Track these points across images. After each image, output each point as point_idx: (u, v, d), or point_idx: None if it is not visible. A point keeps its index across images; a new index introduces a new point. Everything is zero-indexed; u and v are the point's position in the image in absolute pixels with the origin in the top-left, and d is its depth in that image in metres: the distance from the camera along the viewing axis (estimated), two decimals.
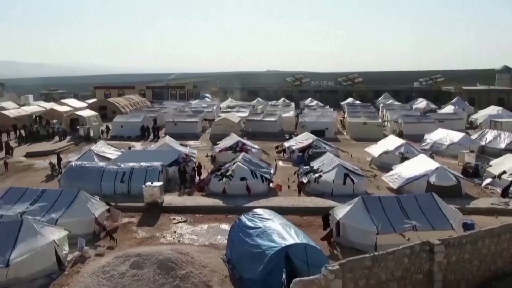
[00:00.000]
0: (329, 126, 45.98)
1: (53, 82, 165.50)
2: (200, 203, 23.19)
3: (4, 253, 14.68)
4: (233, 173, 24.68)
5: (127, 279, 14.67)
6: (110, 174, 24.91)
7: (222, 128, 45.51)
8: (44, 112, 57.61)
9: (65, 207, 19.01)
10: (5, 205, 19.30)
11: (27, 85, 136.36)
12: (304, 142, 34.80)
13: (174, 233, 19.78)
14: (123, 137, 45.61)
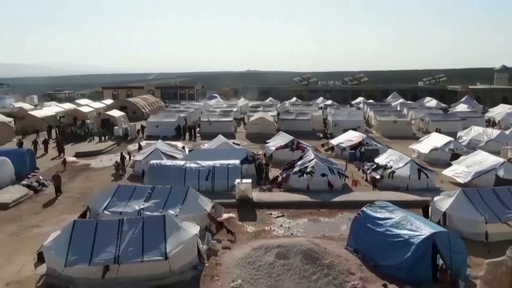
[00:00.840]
0: (360, 125, 47.31)
1: (31, 83, 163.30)
2: (288, 198, 24.06)
3: (158, 246, 15.32)
4: (313, 170, 25.65)
5: (278, 268, 15.49)
6: (193, 172, 25.53)
7: (258, 127, 46.43)
8: (68, 112, 57.25)
9: (179, 203, 19.64)
10: (120, 202, 19.79)
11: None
12: (353, 140, 35.96)
13: (281, 226, 20.64)
14: (158, 137, 45.90)
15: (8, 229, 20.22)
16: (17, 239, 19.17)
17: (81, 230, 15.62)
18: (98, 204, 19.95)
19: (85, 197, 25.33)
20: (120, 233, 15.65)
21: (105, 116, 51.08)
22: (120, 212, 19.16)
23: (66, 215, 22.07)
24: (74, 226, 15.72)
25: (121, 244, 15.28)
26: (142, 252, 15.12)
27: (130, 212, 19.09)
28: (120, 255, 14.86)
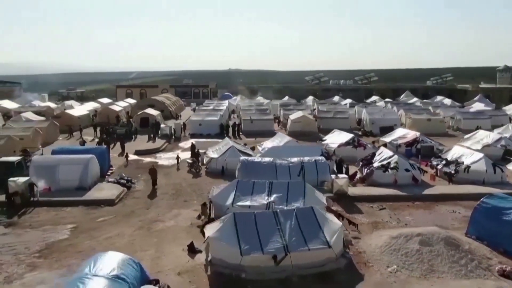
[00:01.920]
0: (396, 123, 48.96)
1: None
2: (381, 192, 25.33)
3: (318, 236, 16.41)
4: (397, 165, 27.00)
5: (426, 254, 16.73)
6: (283, 168, 26.54)
7: (301, 125, 47.63)
8: (101, 111, 57.38)
9: (301, 197, 20.65)
10: (244, 197, 20.71)
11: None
12: (407, 137, 37.48)
13: (390, 217, 21.89)
14: (202, 135, 46.76)
15: (133, 224, 20.95)
16: (148, 233, 19.90)
17: (242, 222, 16.57)
18: (222, 199, 20.82)
19: (180, 193, 26.12)
20: (279, 224, 16.70)
21: (144, 115, 51.53)
22: (248, 205, 20.08)
23: (176, 210, 22.89)
24: (236, 218, 16.67)
25: (284, 234, 16.32)
26: (305, 241, 16.20)
27: (258, 205, 20.02)
28: (288, 244, 15.91)
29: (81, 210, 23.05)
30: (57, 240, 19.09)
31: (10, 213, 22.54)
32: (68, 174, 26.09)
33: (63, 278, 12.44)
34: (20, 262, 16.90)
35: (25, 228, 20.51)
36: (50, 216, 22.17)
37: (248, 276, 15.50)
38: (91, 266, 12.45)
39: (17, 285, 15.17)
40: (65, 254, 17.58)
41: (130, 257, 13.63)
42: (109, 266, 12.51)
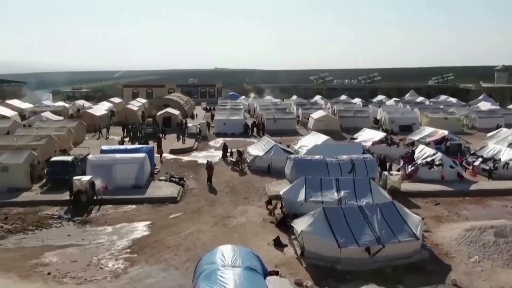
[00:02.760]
0: (415, 121, 50.22)
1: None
2: (432, 188, 26.37)
3: (405, 229, 17.33)
4: (442, 162, 28.09)
5: (504, 245, 17.76)
6: (334, 165, 27.35)
7: (324, 124, 48.52)
8: (119, 111, 57.49)
9: (368, 193, 21.55)
10: (315, 193, 21.50)
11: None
12: (435, 135, 38.69)
13: (448, 212, 22.91)
14: (226, 134, 47.37)
15: (206, 221, 21.56)
16: (225, 229, 20.58)
17: (333, 216, 17.38)
18: (292, 195, 21.55)
19: (235, 190, 26.75)
20: (367, 218, 17.57)
21: (167, 115, 51.90)
22: (321, 201, 20.88)
23: (241, 207, 23.55)
24: (326, 213, 17.47)
25: (373, 227, 17.20)
26: (393, 234, 17.09)
27: (330, 201, 20.84)
28: (379, 237, 16.78)
29: (148, 207, 23.57)
30: (141, 236, 19.65)
31: (76, 211, 22.98)
32: (124, 173, 26.56)
33: (200, 269, 12.91)
34: (116, 257, 17.44)
35: (102, 225, 21.01)
36: (120, 214, 22.68)
37: (343, 268, 16.35)
38: (223, 258, 13.12)
39: (124, 279, 15.73)
40: (156, 249, 18.15)
41: (250, 250, 14.32)
42: (240, 258, 13.19)
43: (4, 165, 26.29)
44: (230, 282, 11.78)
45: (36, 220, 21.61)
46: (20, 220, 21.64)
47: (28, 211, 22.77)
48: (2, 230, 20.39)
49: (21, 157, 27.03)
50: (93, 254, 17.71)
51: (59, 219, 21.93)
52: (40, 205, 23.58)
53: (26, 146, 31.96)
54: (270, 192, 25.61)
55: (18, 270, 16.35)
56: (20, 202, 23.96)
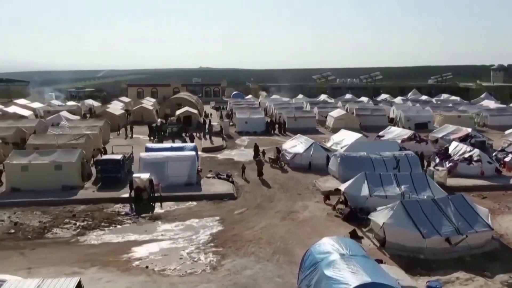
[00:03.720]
0: (430, 119, 51.60)
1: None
2: (475, 183, 27.44)
3: (478, 220, 18.30)
4: (481, 158, 29.27)
5: None
6: (379, 162, 28.31)
7: (343, 122, 49.40)
8: (135, 110, 57.51)
9: (427, 187, 22.54)
10: (377, 188, 22.35)
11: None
12: (458, 132, 39.96)
13: (498, 205, 23.99)
14: (248, 133, 48.00)
15: (272, 216, 22.21)
16: (295, 223, 21.28)
17: (411, 209, 18.25)
18: (355, 190, 22.36)
19: (285, 186, 27.42)
20: (441, 210, 18.49)
21: (187, 113, 52.24)
22: (385, 196, 21.77)
23: (300, 202, 24.25)
24: (405, 206, 18.34)
25: (449, 218, 18.12)
26: (469, 225, 18.05)
27: (394, 195, 21.71)
28: (458, 227, 17.72)
29: (209, 204, 24.09)
30: (217, 231, 20.22)
31: (138, 208, 23.41)
32: (177, 170, 27.01)
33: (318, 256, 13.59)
34: (204, 251, 18.00)
35: (174, 221, 21.50)
36: (185, 210, 23.17)
37: (426, 257, 17.22)
38: (337, 248, 13.82)
39: (223, 271, 16.32)
40: (238, 243, 18.74)
41: (353, 240, 15.08)
42: (351, 248, 13.93)
43: (58, 163, 26.53)
44: (359, 268, 12.49)
45: (105, 217, 22.00)
46: (89, 217, 22.01)
47: (92, 209, 23.15)
48: (76, 226, 20.75)
49: (74, 155, 27.28)
50: (180, 249, 18.25)
51: (126, 215, 22.35)
52: (102, 203, 23.97)
53: (66, 144, 32.25)
54: (322, 188, 26.44)
55: (115, 264, 16.80)
56: (82, 200, 24.30)
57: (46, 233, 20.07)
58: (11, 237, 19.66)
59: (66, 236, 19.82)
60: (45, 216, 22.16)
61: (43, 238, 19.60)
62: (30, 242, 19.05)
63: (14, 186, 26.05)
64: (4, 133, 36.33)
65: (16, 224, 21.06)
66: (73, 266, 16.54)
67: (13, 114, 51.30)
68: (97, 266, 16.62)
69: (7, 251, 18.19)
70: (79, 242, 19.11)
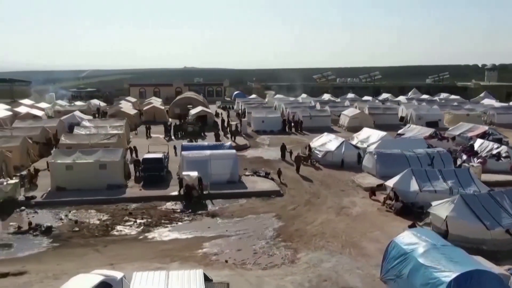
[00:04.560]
0: (440, 118, 52.93)
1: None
2: (507, 178, 28.52)
3: None
4: (509, 154, 30.40)
5: None
6: (413, 159, 29.15)
7: (358, 121, 50.38)
8: (147, 110, 57.53)
9: (472, 182, 23.45)
10: (425, 183, 23.11)
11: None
12: (475, 130, 41.22)
13: None
14: (265, 132, 48.55)
15: (326, 211, 22.82)
16: (351, 218, 21.92)
17: (471, 203, 19.06)
18: (404, 186, 23.11)
19: (325, 183, 28.07)
20: (498, 203, 19.34)
21: (203, 113, 52.51)
22: (435, 191, 22.59)
23: (347, 198, 24.92)
24: (465, 199, 19.15)
25: (507, 211, 18.99)
26: None
27: (442, 190, 22.57)
28: None
29: (257, 201, 24.56)
30: (279, 226, 20.73)
31: (190, 205, 23.75)
32: (220, 168, 27.42)
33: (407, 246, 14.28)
34: (275, 245, 18.51)
35: (232, 218, 21.93)
36: (237, 207, 23.59)
37: (488, 248, 18.05)
38: (425, 238, 14.54)
39: (301, 263, 16.86)
40: (305, 237, 19.29)
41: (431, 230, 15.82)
42: (439, 238, 14.68)
43: (103, 163, 26.67)
44: (455, 256, 13.22)
45: (162, 214, 22.33)
46: (145, 214, 22.31)
47: (145, 207, 23.44)
48: (138, 224, 21.02)
49: (117, 154, 27.47)
50: (250, 243, 18.73)
51: (181, 213, 22.70)
52: (153, 201, 24.25)
53: (99, 144, 32.36)
54: (363, 184, 27.18)
55: (194, 259, 17.20)
56: (133, 198, 24.53)
57: (110, 230, 20.33)
58: (77, 234, 19.86)
59: (132, 233, 20.10)
60: (101, 214, 22.40)
61: (109, 235, 19.87)
62: (99, 240, 19.31)
63: (59, 185, 26.11)
64: (30, 133, 36.11)
65: (76, 222, 21.28)
66: (153, 262, 16.90)
67: (26, 114, 50.92)
68: (178, 261, 17.00)
69: (80, 248, 18.44)
70: (148, 239, 19.44)
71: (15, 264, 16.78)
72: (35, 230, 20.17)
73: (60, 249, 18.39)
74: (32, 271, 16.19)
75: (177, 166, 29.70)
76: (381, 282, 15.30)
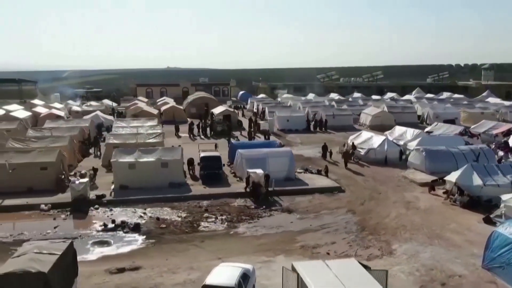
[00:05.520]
0: (457, 116, 54.50)
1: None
2: None
3: None
4: None
5: None
6: (459, 155, 30.22)
7: (380, 119, 51.61)
8: (164, 109, 57.66)
9: None
10: (486, 177, 24.08)
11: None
12: (499, 127, 42.73)
13: None
14: (290, 131, 49.27)
15: (395, 206, 23.66)
16: (420, 211, 22.80)
17: None
18: (466, 181, 24.06)
19: (378, 180, 28.87)
20: None
21: (226, 113, 52.92)
22: (497, 185, 23.65)
23: (407, 193, 25.83)
24: None
25: None
26: None
27: (505, 184, 23.64)
28: None
29: (322, 197, 25.27)
30: (358, 220, 21.52)
31: (258, 202, 24.31)
32: (277, 166, 28.00)
33: None
34: (364, 238, 19.25)
35: (307, 213, 22.59)
36: (306, 203, 24.26)
37: None
38: None
39: (399, 254, 17.64)
40: (389, 230, 20.10)
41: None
42: None
43: (164, 161, 27.00)
44: None
45: (239, 210, 22.88)
46: (221, 211, 22.81)
47: (217, 203, 23.95)
48: (221, 220, 21.50)
49: (177, 152, 27.84)
50: (341, 237, 19.43)
51: (256, 209, 23.24)
52: (221, 198, 24.75)
53: (146, 143, 32.61)
54: (417, 180, 28.17)
55: (296, 252, 17.83)
56: (203, 196, 25.01)
57: (196, 227, 20.78)
58: (167, 231, 20.27)
59: (219, 229, 20.61)
60: (177, 211, 22.82)
61: (198, 231, 20.33)
62: (191, 236, 19.74)
63: (122, 184, 26.38)
64: (69, 133, 36.09)
65: (158, 219, 21.67)
66: (258, 255, 17.44)
67: (50, 114, 50.60)
68: (282, 254, 17.59)
69: (178, 244, 18.89)
70: (240, 234, 19.96)
71: (124, 260, 17.16)
72: (123, 227, 20.54)
73: (159, 245, 18.80)
74: (145, 266, 16.60)
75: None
76: (484, 270, 16.20)
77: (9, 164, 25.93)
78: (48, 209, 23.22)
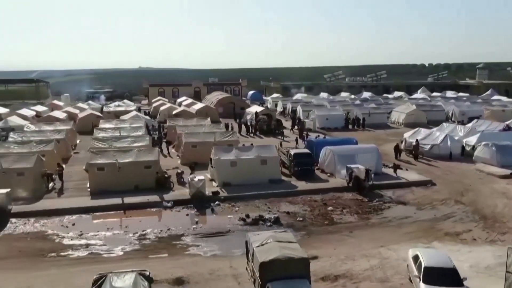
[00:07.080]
0: (481, 113, 57.33)
1: None
2: None
3: None
4: None
5: None
6: None
7: (413, 117, 53.78)
8: (199, 109, 58.11)
9: None
10: None
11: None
12: None
13: None
14: (330, 129, 50.76)
15: (493, 197, 25.40)
16: None
17: None
18: None
19: (454, 173, 30.61)
20: None
21: (266, 111, 53.90)
22: None
23: (496, 185, 27.65)
24: None
25: None
26: None
27: None
28: None
29: (420, 189, 26.84)
30: (472, 209, 23.13)
31: (361, 194, 25.68)
32: (366, 161, 29.25)
33: None
34: (492, 226, 20.86)
35: (421, 204, 24.12)
36: (411, 196, 25.68)
37: None
38: None
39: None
40: (508, 218, 21.79)
41: None
42: None
43: (264, 158, 27.98)
44: None
45: (356, 204, 24.15)
46: (337, 204, 24.07)
47: (328, 197, 25.23)
48: (346, 212, 22.72)
49: (273, 150, 28.84)
50: (469, 224, 21.03)
51: (370, 202, 24.51)
52: (330, 192, 25.97)
53: (223, 142, 33.42)
54: (495, 173, 30.08)
55: (446, 239, 19.24)
56: (312, 190, 26.23)
57: (332, 219, 21.94)
58: (306, 224, 21.34)
59: (352, 220, 21.85)
60: (297, 206, 23.90)
61: (336, 222, 21.52)
62: (333, 227, 20.94)
63: (225, 181, 27.17)
64: (135, 132, 36.40)
65: (288, 213, 22.72)
66: (415, 242, 18.66)
67: (89, 115, 50.51)
68: (435, 240, 18.99)
69: (329, 235, 20.05)
70: (378, 224, 21.26)
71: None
72: (263, 221, 21.50)
73: (313, 236, 19.89)
74: (321, 255, 17.62)
75: None
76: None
77: (118, 163, 26.33)
78: (172, 206, 23.91)
